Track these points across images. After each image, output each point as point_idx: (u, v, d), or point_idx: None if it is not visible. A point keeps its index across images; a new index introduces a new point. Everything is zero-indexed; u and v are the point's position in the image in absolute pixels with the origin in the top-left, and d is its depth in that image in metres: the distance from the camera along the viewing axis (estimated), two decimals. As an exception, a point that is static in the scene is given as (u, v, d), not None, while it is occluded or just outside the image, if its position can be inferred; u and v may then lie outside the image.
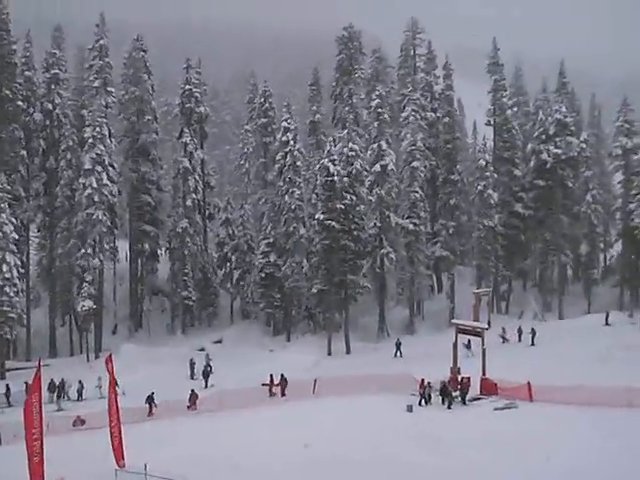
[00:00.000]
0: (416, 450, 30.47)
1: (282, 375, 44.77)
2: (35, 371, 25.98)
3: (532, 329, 59.30)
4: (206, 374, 52.21)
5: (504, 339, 60.72)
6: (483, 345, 41.31)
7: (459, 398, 39.18)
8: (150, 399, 41.36)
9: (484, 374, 40.70)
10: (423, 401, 39.40)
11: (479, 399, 39.49)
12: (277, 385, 44.77)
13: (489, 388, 39.95)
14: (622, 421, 31.14)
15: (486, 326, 46.06)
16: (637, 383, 33.58)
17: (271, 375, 45.13)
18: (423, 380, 39.80)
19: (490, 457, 28.95)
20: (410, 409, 38.06)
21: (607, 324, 62.92)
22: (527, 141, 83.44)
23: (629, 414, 31.77)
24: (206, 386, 50.35)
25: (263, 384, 45.21)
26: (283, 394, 44.08)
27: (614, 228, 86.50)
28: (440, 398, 39.26)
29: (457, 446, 30.74)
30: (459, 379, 40.36)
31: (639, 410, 31.83)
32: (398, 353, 58.80)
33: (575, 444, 29.01)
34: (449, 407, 38.52)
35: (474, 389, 39.98)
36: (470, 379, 39.80)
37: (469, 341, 53.46)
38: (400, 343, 59.37)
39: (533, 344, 58.16)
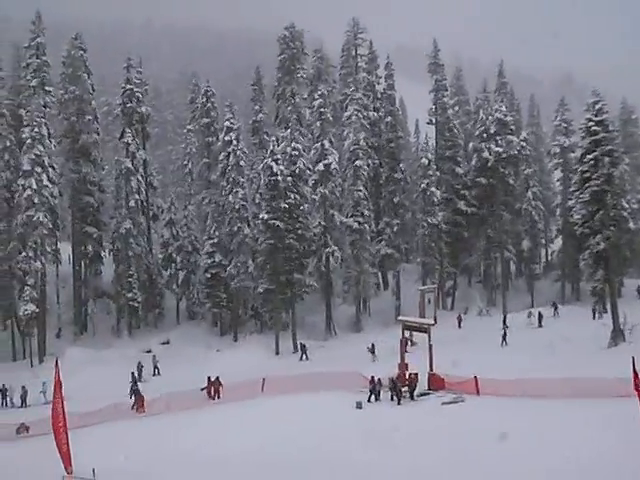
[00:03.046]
0: (366, 447, 30.54)
1: (217, 378, 44.04)
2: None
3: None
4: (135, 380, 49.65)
5: (412, 342, 52.23)
6: (430, 341, 41.67)
7: (407, 394, 39.54)
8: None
9: (431, 370, 41.11)
10: (372, 397, 39.64)
11: (427, 394, 39.90)
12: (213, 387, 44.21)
13: (437, 383, 40.40)
14: (560, 411, 31.77)
15: (432, 322, 46.47)
16: (574, 374, 34.35)
17: (209, 377, 44.44)
18: (372, 377, 40.03)
19: (441, 451, 29.24)
20: (360, 406, 38.24)
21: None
22: (468, 140, 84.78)
23: (567, 404, 32.37)
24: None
25: (202, 389, 44.37)
26: (218, 396, 43.36)
27: (554, 224, 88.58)
28: (389, 394, 39.57)
29: (407, 442, 30.95)
30: (407, 375, 40.68)
31: (577, 400, 32.44)
32: (304, 357, 57.87)
33: (522, 434, 29.46)
34: (398, 403, 38.83)
35: (422, 384, 40.38)
36: (418, 375, 40.11)
37: (373, 345, 54.46)
38: (304, 346, 58.72)
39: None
